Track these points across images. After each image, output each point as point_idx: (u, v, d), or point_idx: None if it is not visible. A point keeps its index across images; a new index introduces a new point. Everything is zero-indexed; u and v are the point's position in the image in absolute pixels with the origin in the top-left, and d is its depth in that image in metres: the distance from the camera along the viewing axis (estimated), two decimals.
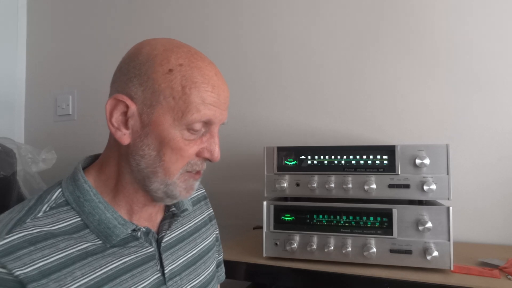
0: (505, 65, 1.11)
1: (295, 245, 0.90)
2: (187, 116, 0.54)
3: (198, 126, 0.56)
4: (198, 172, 0.60)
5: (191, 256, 0.68)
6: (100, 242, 0.54)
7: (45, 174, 1.30)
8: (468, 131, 1.13)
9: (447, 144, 0.85)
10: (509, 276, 0.79)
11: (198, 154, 0.58)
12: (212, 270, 0.73)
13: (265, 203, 0.94)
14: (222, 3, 1.45)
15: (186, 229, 0.70)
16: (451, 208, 0.82)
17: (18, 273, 0.46)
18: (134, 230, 0.57)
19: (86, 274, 0.51)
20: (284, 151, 0.95)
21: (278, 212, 0.93)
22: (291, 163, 0.95)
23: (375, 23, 1.25)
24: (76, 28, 1.73)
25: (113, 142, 0.59)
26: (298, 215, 0.92)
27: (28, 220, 0.51)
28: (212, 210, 0.81)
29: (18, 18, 1.79)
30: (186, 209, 0.68)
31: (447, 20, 1.17)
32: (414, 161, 0.86)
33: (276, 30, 1.37)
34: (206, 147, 0.58)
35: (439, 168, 0.85)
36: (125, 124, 0.56)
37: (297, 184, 0.93)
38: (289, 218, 0.93)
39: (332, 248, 0.87)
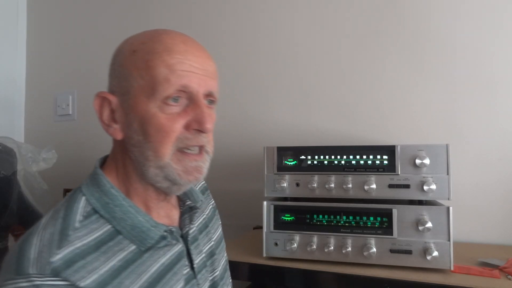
0: (505, 65, 1.11)
1: (295, 245, 0.90)
2: (158, 89, 0.52)
3: (174, 95, 0.53)
4: (197, 154, 0.56)
5: (210, 247, 0.68)
6: (134, 247, 0.53)
7: (45, 173, 1.31)
8: (468, 131, 1.13)
9: (447, 144, 0.85)
10: (509, 276, 0.79)
11: (186, 127, 0.54)
12: (225, 259, 0.74)
13: (265, 203, 0.94)
14: (223, 3, 1.45)
15: (201, 221, 0.69)
16: (451, 208, 0.82)
17: (82, 285, 0.45)
18: (165, 231, 0.57)
19: (134, 282, 0.51)
20: (284, 151, 0.95)
21: (278, 212, 0.93)
22: (291, 163, 0.95)
23: (375, 23, 1.25)
24: (76, 28, 1.73)
25: (114, 142, 0.59)
26: (298, 215, 0.92)
27: (70, 232, 0.49)
28: (214, 201, 0.81)
29: (18, 18, 1.79)
30: (202, 201, 0.67)
31: (447, 20, 1.17)
32: (414, 161, 0.86)
33: (276, 30, 1.37)
34: (193, 118, 0.54)
35: (439, 168, 0.85)
36: (114, 119, 0.56)
37: (297, 184, 0.93)
38: (289, 218, 0.93)
39: (332, 248, 0.87)
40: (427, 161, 0.85)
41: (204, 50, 0.58)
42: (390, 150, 0.88)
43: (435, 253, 0.81)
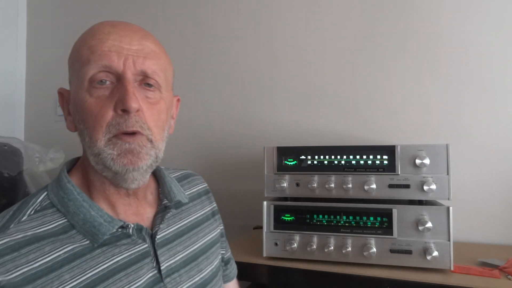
0: (505, 65, 1.11)
1: (295, 245, 0.90)
2: (82, 72, 0.53)
3: (100, 78, 0.52)
4: (129, 134, 0.53)
5: (191, 251, 0.65)
6: (87, 242, 0.52)
7: (48, 173, 1.30)
8: (468, 131, 1.13)
9: (447, 144, 0.85)
10: (509, 276, 0.79)
11: (115, 110, 0.52)
12: (216, 266, 0.70)
13: (265, 203, 0.94)
14: (221, 2, 1.45)
15: (185, 223, 0.67)
16: (451, 208, 0.82)
17: (1, 279, 0.44)
18: (122, 227, 0.55)
19: (76, 277, 0.49)
20: (284, 151, 0.95)
21: (278, 212, 0.93)
22: (291, 163, 0.95)
23: (375, 23, 1.25)
24: (76, 28, 1.72)
25: None
26: (298, 215, 0.92)
27: (12, 225, 0.49)
28: (215, 205, 0.78)
29: (18, 18, 1.79)
30: (179, 201, 0.65)
31: (447, 20, 1.17)
32: (414, 161, 0.86)
33: (275, 30, 1.37)
34: (118, 98, 0.52)
35: (439, 168, 0.85)
36: (69, 112, 0.59)
37: (297, 184, 0.93)
38: (289, 218, 0.93)
39: (332, 248, 0.87)
40: (427, 161, 0.85)
41: (137, 30, 0.57)
42: (390, 150, 0.88)
43: (435, 253, 0.81)
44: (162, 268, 0.57)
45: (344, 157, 0.92)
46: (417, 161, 0.85)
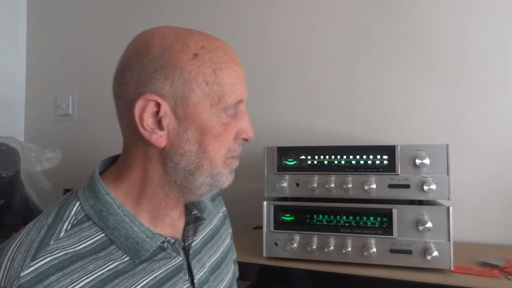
0: (504, 64, 1.11)
1: (295, 245, 0.90)
2: (225, 100, 0.52)
3: (233, 107, 0.55)
4: (235, 156, 0.59)
5: (215, 260, 0.65)
6: (127, 258, 0.50)
7: (46, 173, 1.30)
8: (468, 131, 1.13)
9: (447, 144, 0.85)
10: (509, 276, 0.79)
11: (235, 138, 0.56)
12: (232, 272, 0.70)
13: (265, 203, 0.94)
14: (221, 3, 1.45)
15: (207, 231, 0.66)
16: (451, 208, 0.82)
17: None
18: (163, 242, 0.54)
19: None
20: (284, 151, 0.95)
21: (278, 212, 0.93)
22: (291, 163, 0.95)
23: (375, 23, 1.25)
24: (76, 28, 1.73)
25: (134, 146, 0.54)
26: (298, 215, 0.92)
27: (51, 242, 0.46)
28: (225, 208, 0.78)
29: (18, 18, 1.79)
30: (210, 211, 0.64)
31: (446, 20, 1.17)
32: (414, 161, 0.86)
33: (275, 30, 1.37)
34: (241, 128, 0.57)
35: (439, 168, 0.85)
36: (160, 125, 0.51)
37: (297, 184, 0.93)
38: (289, 218, 0.93)
39: (332, 248, 0.87)
40: (427, 161, 0.85)
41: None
42: (390, 150, 0.88)
43: (435, 253, 0.81)
44: (195, 281, 0.57)
45: (344, 157, 0.92)
46: (417, 161, 0.85)
